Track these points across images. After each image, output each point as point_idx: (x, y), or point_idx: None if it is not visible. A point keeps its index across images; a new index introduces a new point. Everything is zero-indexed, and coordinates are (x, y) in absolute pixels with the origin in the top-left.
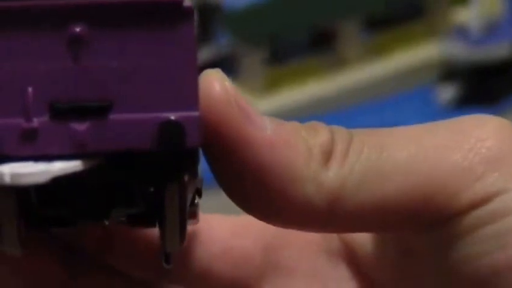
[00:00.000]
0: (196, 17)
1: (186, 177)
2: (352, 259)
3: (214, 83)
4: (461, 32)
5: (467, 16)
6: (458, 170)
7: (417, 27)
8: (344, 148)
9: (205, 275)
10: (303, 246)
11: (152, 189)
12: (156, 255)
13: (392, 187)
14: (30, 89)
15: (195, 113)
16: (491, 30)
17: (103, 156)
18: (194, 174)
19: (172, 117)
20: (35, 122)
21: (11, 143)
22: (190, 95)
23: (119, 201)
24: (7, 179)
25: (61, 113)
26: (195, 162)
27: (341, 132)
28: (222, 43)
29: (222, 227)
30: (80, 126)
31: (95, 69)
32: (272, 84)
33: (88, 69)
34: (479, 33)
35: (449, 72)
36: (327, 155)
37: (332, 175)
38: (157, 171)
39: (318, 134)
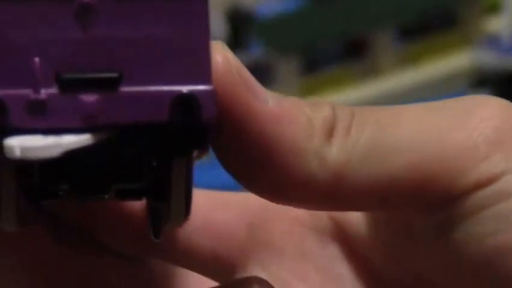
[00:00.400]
0: None
1: (195, 152)
2: (343, 238)
3: (217, 54)
4: (493, 41)
5: (499, 25)
6: (463, 149)
7: (450, 36)
8: (347, 124)
9: (185, 249)
10: (289, 224)
11: (156, 164)
12: (138, 229)
13: (396, 164)
14: (37, 59)
15: (210, 87)
16: None
17: (112, 129)
18: (205, 148)
19: (187, 91)
20: (43, 93)
21: (18, 115)
22: (203, 68)
23: (123, 176)
24: (17, 153)
25: (70, 84)
26: (207, 136)
27: (343, 108)
28: (255, 52)
29: (202, 201)
30: (90, 98)
31: (105, 39)
32: (306, 93)
33: (97, 38)
34: (510, 41)
35: (481, 80)
36: (330, 131)
37: (335, 150)
38: (167, 145)
39: (321, 110)
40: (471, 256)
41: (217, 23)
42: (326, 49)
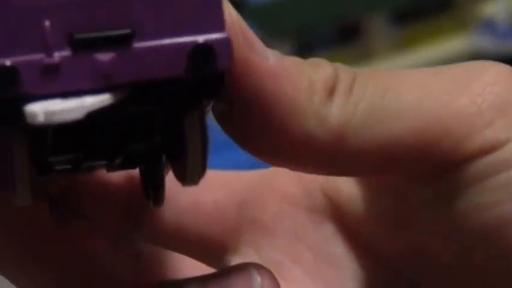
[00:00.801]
0: None
1: (208, 104)
2: (338, 216)
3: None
4: (489, 26)
5: (495, 9)
6: (467, 114)
7: (445, 20)
8: (348, 85)
9: (174, 230)
10: (281, 203)
11: (170, 119)
12: (126, 206)
13: (398, 127)
14: (47, 22)
15: (223, 34)
16: None
17: (129, 87)
18: (222, 98)
19: (202, 41)
20: (56, 56)
21: (34, 81)
22: (215, 16)
23: (136, 136)
24: (40, 118)
25: (82, 44)
26: (223, 85)
27: (345, 69)
28: None
29: None
30: (104, 57)
31: None
32: None
33: None
34: (506, 26)
35: None
36: (331, 91)
37: (336, 111)
38: (183, 98)
39: (322, 70)
40: (476, 226)
41: None
42: (319, 33)
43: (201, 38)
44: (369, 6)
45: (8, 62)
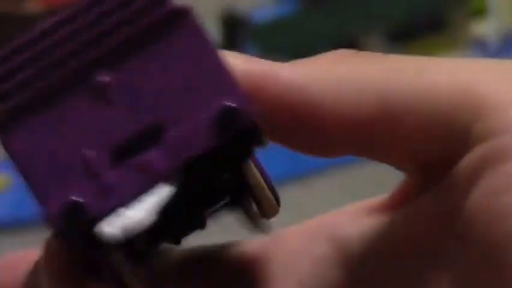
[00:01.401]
0: (192, 11)
1: (254, 149)
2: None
3: (231, 60)
4: (480, 45)
5: (485, 29)
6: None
7: (437, 39)
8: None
9: None
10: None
11: (228, 177)
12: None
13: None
14: (87, 151)
15: (239, 90)
16: (509, 41)
17: (180, 170)
18: (263, 143)
19: (223, 107)
20: (107, 176)
21: (96, 206)
22: (226, 80)
23: (208, 202)
24: (119, 235)
25: (124, 155)
26: (259, 132)
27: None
28: (250, 55)
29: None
30: (147, 157)
31: (132, 106)
32: None
33: (124, 107)
34: (497, 45)
35: None
36: None
37: None
38: (229, 160)
39: None
40: (470, 217)
41: (213, 27)
42: (319, 52)
43: (221, 105)
44: (365, 27)
45: (71, 198)
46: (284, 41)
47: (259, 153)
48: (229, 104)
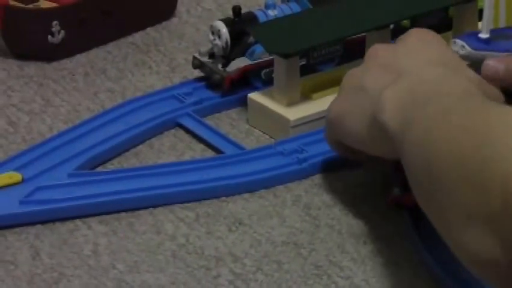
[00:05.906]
0: None
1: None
2: None
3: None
4: None
5: None
6: None
7: (445, 39)
8: None
9: None
10: None
11: None
12: None
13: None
14: None
15: None
16: None
17: None
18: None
19: None
20: None
21: None
22: None
23: None
24: None
25: None
26: None
27: None
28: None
29: None
30: None
31: None
32: (305, 95)
33: None
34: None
35: None
36: None
37: None
38: None
39: None
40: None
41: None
42: (324, 52)
43: None
44: (371, 27)
45: None
46: (289, 41)
47: None
48: None
